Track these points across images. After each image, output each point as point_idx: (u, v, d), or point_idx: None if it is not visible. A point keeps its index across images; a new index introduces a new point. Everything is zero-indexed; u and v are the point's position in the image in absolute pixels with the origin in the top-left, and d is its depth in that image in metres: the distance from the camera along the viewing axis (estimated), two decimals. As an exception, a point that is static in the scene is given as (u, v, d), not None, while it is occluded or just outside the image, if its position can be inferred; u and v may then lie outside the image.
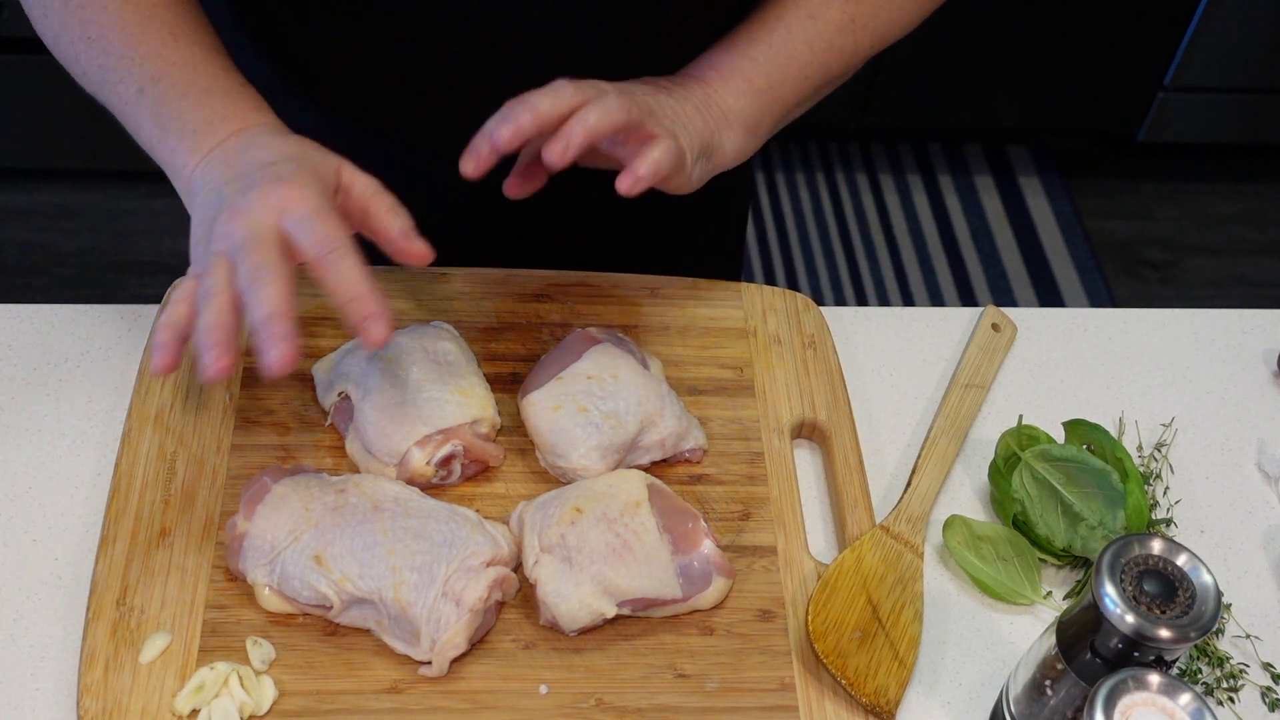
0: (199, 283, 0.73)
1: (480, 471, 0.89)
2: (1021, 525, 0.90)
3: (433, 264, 0.99)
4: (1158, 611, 0.70)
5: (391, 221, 0.78)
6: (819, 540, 0.90)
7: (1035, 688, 0.76)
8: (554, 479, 0.89)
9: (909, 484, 0.91)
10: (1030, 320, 1.06)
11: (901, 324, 1.05)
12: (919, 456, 0.93)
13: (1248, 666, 0.86)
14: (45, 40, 0.89)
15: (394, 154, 0.99)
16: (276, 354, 0.68)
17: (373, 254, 1.00)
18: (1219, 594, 0.71)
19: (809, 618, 0.81)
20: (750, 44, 0.90)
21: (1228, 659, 0.85)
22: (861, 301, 2.43)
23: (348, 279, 0.72)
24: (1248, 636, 0.88)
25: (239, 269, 0.72)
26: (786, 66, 0.90)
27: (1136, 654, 0.71)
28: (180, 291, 0.74)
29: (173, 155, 0.81)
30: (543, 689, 0.79)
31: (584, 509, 0.82)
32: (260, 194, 0.74)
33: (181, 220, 0.80)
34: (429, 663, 0.78)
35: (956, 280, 2.49)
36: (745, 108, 0.89)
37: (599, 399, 0.88)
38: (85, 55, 0.85)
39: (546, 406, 0.88)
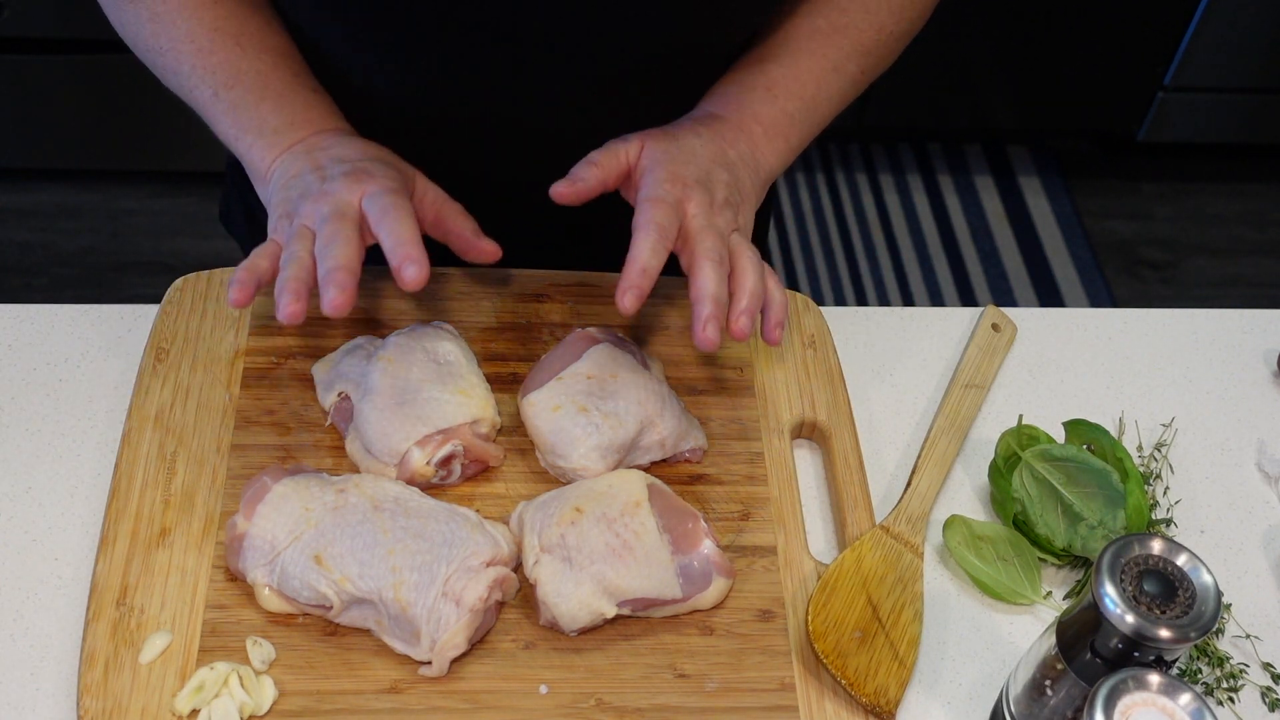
0: (281, 247, 0.83)
1: (480, 471, 0.89)
2: (1021, 525, 0.90)
3: (433, 264, 1.00)
4: (1158, 611, 0.70)
5: (464, 224, 0.89)
6: (819, 540, 0.90)
7: (1035, 688, 0.76)
8: (554, 479, 0.89)
9: (909, 484, 0.91)
10: (1030, 320, 1.06)
11: (901, 324, 1.05)
12: (919, 456, 0.93)
13: (1248, 666, 0.86)
14: (124, 40, 0.95)
15: (402, 147, 1.00)
16: (332, 296, 0.78)
17: (374, 256, 1.01)
18: (1219, 594, 0.71)
19: (809, 618, 0.81)
20: (788, 97, 0.93)
21: (1228, 659, 0.85)
22: (861, 301, 2.43)
23: (396, 229, 0.80)
24: (1248, 636, 0.88)
25: (320, 236, 0.81)
26: (815, 122, 0.95)
27: (1136, 654, 0.71)
28: (262, 248, 0.84)
29: (250, 150, 0.90)
30: (543, 689, 0.79)
31: (584, 509, 0.82)
32: (346, 182, 0.84)
33: (181, 220, 0.81)
34: (429, 663, 0.78)
35: (956, 280, 2.49)
36: (778, 165, 0.94)
37: (599, 399, 0.88)
38: (160, 63, 0.92)
39: (546, 406, 0.88)
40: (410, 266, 0.79)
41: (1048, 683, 0.75)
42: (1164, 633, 0.69)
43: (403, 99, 0.95)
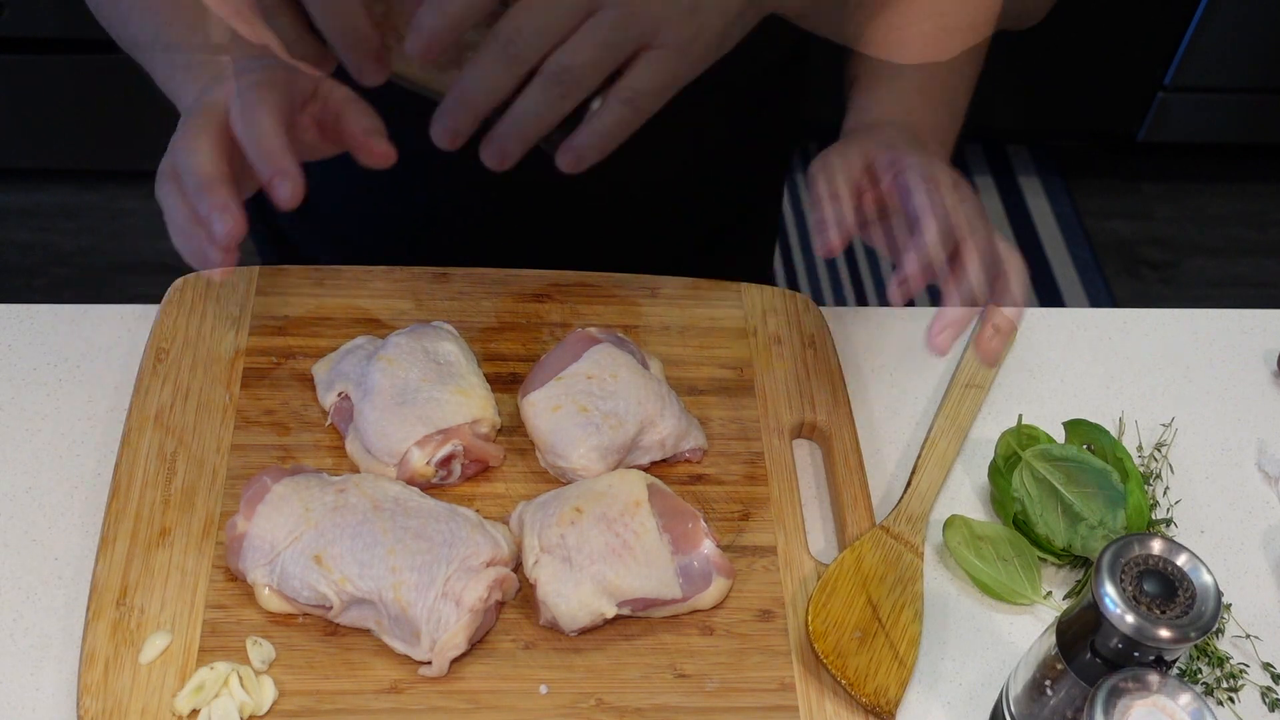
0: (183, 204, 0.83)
1: (480, 471, 0.89)
2: (1021, 525, 0.90)
3: (433, 264, 1.00)
4: (1158, 611, 0.70)
5: (359, 120, 0.78)
6: (819, 540, 0.90)
7: (1035, 688, 0.76)
8: (554, 479, 0.89)
9: (909, 484, 0.91)
10: (1030, 320, 1.06)
11: (901, 324, 1.05)
12: (919, 456, 0.93)
13: (1248, 666, 0.86)
14: None
15: (401, 145, 1.00)
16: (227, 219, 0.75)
17: (373, 256, 1.01)
18: (1219, 594, 0.71)
19: (809, 618, 0.81)
20: (942, 99, 0.96)
21: (1228, 659, 0.85)
22: (861, 301, 2.42)
23: (258, 132, 0.72)
24: (1248, 636, 0.88)
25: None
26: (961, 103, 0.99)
27: (1136, 654, 0.71)
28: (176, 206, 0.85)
29: (182, 79, 0.86)
30: (543, 689, 0.79)
31: (584, 509, 0.82)
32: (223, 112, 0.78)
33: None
34: (429, 663, 0.78)
35: (956, 280, 2.49)
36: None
37: (599, 399, 0.88)
38: (105, 10, 0.92)
39: (546, 406, 0.88)
40: (283, 184, 0.71)
41: (1048, 683, 0.75)
42: (1164, 633, 0.69)
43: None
